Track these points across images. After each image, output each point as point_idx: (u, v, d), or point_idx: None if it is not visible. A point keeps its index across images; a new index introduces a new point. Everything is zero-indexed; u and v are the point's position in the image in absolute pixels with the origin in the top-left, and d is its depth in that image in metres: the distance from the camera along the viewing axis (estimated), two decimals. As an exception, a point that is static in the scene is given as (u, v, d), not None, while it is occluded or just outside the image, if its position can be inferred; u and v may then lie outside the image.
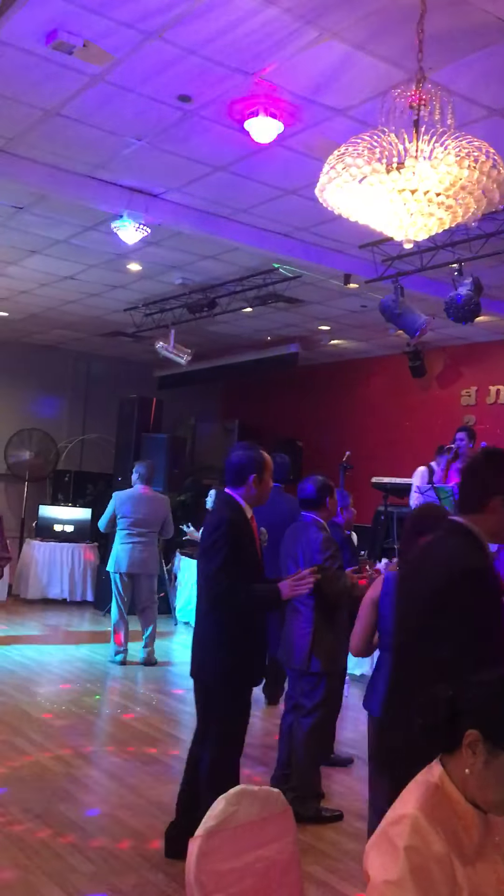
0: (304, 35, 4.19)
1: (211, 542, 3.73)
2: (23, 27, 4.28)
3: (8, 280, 9.40)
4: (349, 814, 4.56)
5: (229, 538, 3.69)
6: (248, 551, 3.78)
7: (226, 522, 3.74)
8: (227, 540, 3.69)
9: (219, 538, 3.70)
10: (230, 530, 3.71)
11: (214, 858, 1.86)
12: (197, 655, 3.92)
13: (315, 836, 4.22)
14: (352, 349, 12.02)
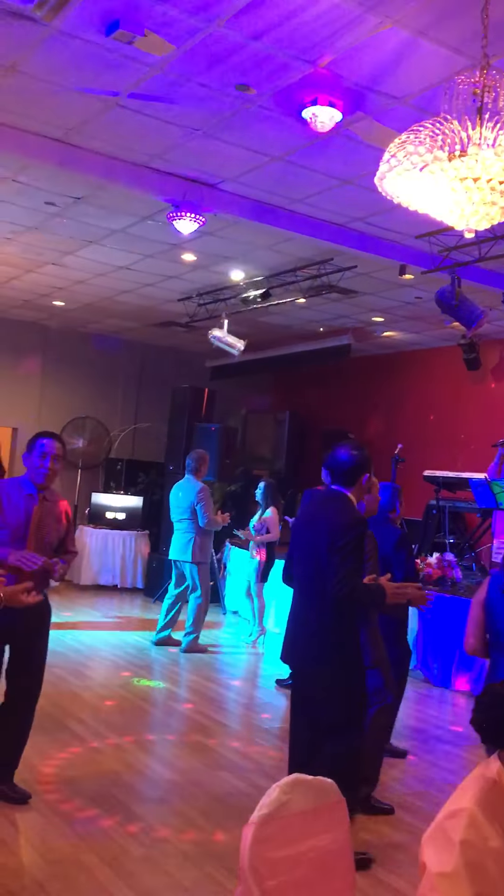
0: (365, 22, 4.15)
1: (344, 543, 3.63)
2: (84, 18, 4.31)
3: (65, 270, 9.51)
4: (398, 807, 4.54)
5: (361, 540, 3.68)
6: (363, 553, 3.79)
7: (362, 524, 3.74)
8: (360, 543, 3.67)
9: (352, 539, 3.64)
10: (363, 527, 3.71)
11: (268, 846, 1.87)
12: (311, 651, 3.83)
13: (362, 827, 4.21)
14: (405, 341, 11.90)
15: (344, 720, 3.74)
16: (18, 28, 4.43)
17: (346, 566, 3.59)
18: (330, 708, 3.75)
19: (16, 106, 5.44)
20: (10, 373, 12.64)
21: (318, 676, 3.76)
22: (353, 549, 3.63)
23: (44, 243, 8.52)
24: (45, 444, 4.20)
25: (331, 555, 3.62)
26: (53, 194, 7.02)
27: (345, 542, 3.62)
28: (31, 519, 4.12)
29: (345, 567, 3.59)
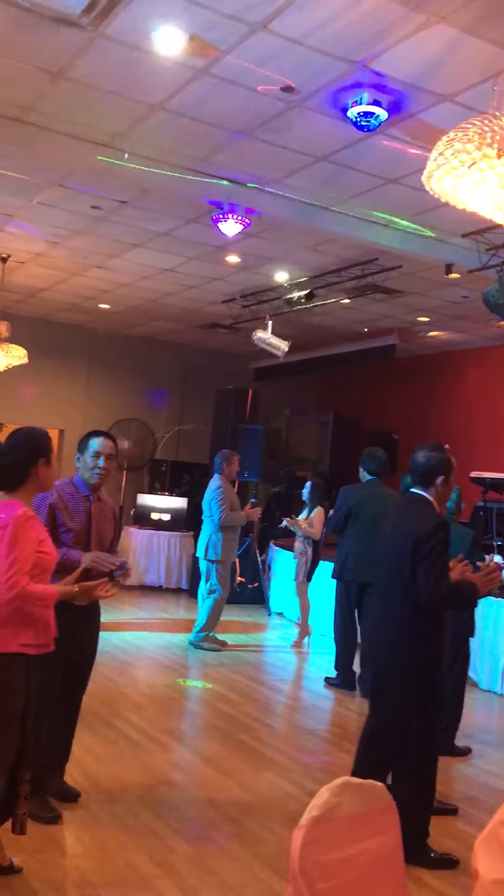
0: (411, 21, 4.12)
1: (430, 548, 3.67)
2: (129, 23, 4.35)
3: (110, 273, 9.61)
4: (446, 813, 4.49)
5: (443, 540, 3.70)
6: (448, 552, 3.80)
7: (443, 527, 3.76)
8: (445, 546, 3.71)
9: (437, 544, 3.69)
10: (444, 531, 3.73)
11: (318, 849, 1.86)
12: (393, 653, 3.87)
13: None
14: (451, 341, 11.79)
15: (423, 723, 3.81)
16: (66, 34, 4.49)
17: (434, 572, 3.64)
18: (410, 710, 3.82)
19: (62, 111, 5.51)
20: (56, 375, 12.80)
21: (401, 680, 3.84)
22: (438, 553, 3.68)
23: (90, 247, 8.61)
24: (98, 443, 4.12)
25: (417, 562, 3.66)
26: (99, 198, 7.09)
27: (429, 548, 3.66)
28: (91, 520, 4.08)
29: (433, 573, 3.64)
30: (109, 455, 4.10)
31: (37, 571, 3.23)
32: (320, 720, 6.26)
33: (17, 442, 3.35)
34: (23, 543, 3.16)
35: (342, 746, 5.56)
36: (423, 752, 3.86)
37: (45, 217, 7.72)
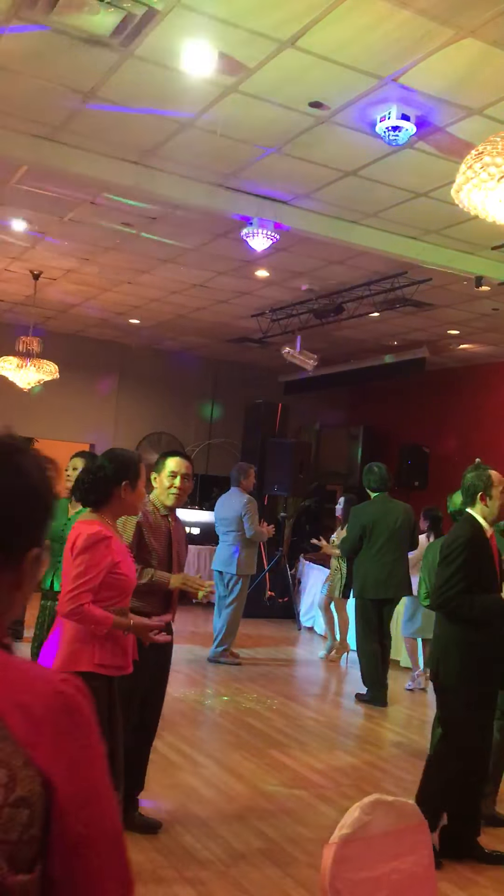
0: (439, 35, 4.13)
1: (444, 556, 3.99)
2: (159, 42, 4.40)
3: (141, 288, 9.69)
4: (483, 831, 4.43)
5: (463, 553, 3.93)
6: (485, 565, 3.98)
7: (461, 538, 4.02)
8: (459, 554, 3.93)
9: (451, 553, 3.97)
10: (465, 546, 3.96)
11: (349, 867, 1.85)
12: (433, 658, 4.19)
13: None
14: (482, 353, 11.72)
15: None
16: (96, 55, 4.55)
17: (442, 578, 3.93)
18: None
19: (93, 131, 5.58)
20: (87, 389, 12.91)
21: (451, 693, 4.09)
22: (450, 561, 3.92)
23: (120, 263, 8.70)
24: (174, 463, 4.08)
25: (438, 568, 4.03)
26: (129, 215, 7.17)
27: (443, 556, 3.97)
28: (172, 541, 4.05)
29: (441, 578, 3.94)
30: (186, 475, 4.07)
31: (113, 593, 3.21)
32: (350, 736, 6.21)
33: (104, 461, 3.39)
34: (92, 561, 3.14)
35: (373, 763, 5.51)
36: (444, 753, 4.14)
37: (76, 234, 7.81)
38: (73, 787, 1.00)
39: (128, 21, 4.17)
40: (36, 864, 0.98)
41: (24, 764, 0.97)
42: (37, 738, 0.99)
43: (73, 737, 1.02)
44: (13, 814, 0.95)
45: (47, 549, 1.17)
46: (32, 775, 0.97)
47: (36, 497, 1.12)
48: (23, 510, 1.10)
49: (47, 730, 1.00)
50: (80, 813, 1.00)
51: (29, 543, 1.10)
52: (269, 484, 11.07)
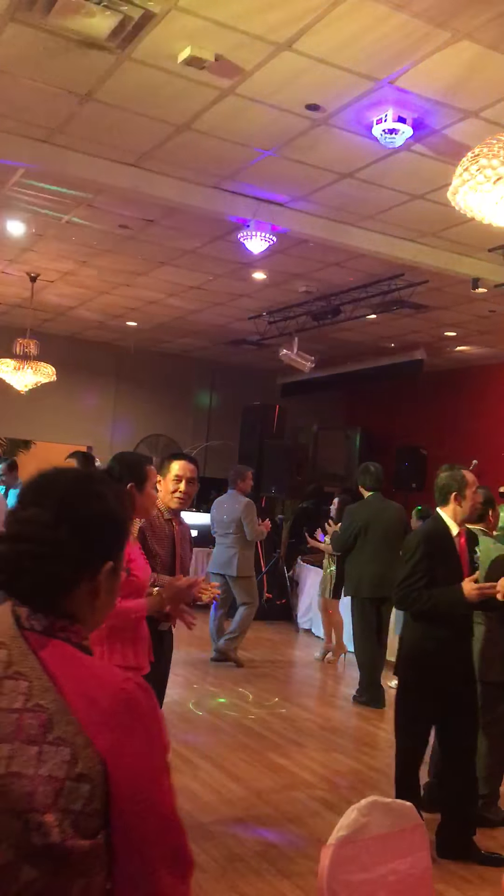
0: (436, 38, 4.14)
1: (404, 553, 4.18)
2: (156, 45, 4.40)
3: (138, 291, 9.69)
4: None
5: (421, 549, 4.06)
6: (445, 564, 4.06)
7: (419, 535, 4.20)
8: (417, 550, 4.06)
9: (410, 549, 4.13)
10: (422, 542, 4.10)
11: (347, 868, 1.85)
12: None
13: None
14: (479, 355, 11.74)
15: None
16: (93, 57, 4.56)
17: (402, 574, 4.09)
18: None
19: (91, 133, 5.58)
20: (84, 392, 12.91)
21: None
22: (409, 557, 4.08)
23: (118, 265, 8.70)
24: (179, 466, 4.01)
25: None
26: (126, 217, 7.17)
27: (405, 552, 4.17)
28: (175, 545, 4.01)
29: (401, 574, 4.11)
30: (191, 479, 4.00)
31: (124, 593, 3.16)
32: (348, 738, 6.21)
33: (112, 463, 3.40)
34: None
35: (371, 765, 5.51)
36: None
37: (73, 236, 7.81)
38: (127, 771, 1.18)
39: (125, 24, 4.18)
40: (98, 832, 1.16)
41: (85, 745, 1.15)
42: (99, 726, 1.17)
43: (131, 728, 1.20)
44: (75, 787, 1.14)
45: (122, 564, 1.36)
46: (93, 756, 1.15)
47: (113, 519, 1.34)
48: (101, 530, 1.31)
49: (109, 720, 1.18)
50: (135, 794, 1.19)
51: (105, 558, 1.30)
52: (267, 486, 11.06)
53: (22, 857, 1.11)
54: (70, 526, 1.27)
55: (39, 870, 1.12)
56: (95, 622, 1.32)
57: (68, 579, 1.27)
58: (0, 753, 1.13)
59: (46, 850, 1.12)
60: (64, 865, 1.13)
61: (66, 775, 1.13)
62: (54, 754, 1.14)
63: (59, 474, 1.35)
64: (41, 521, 1.27)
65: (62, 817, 1.13)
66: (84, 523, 1.28)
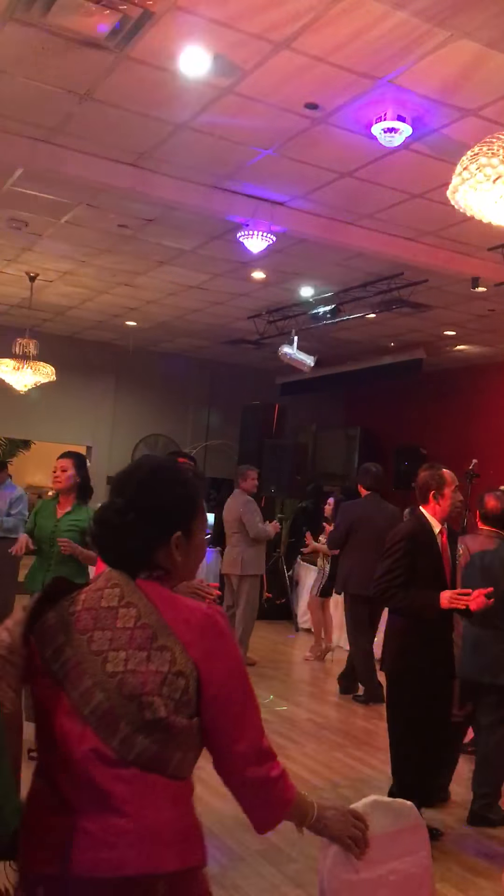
0: (435, 36, 4.13)
1: (384, 549, 4.19)
2: (154, 44, 4.40)
3: (137, 290, 9.68)
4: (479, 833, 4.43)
5: (400, 546, 4.10)
6: (426, 561, 4.09)
7: (400, 532, 4.23)
8: (397, 547, 4.11)
9: (390, 546, 4.16)
10: (403, 539, 4.14)
11: (347, 868, 1.84)
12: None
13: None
14: (479, 354, 11.73)
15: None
16: (92, 56, 4.55)
17: (381, 569, 4.13)
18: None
19: (89, 132, 5.58)
20: (84, 392, 12.89)
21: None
22: (389, 554, 4.12)
23: (116, 265, 8.69)
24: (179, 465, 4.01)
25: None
26: (126, 217, 7.16)
27: (385, 549, 4.19)
28: None
29: (380, 569, 4.14)
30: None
31: None
32: (347, 736, 6.21)
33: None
34: None
35: (369, 763, 5.51)
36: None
37: (72, 236, 7.80)
38: (215, 671, 1.59)
39: (124, 23, 4.17)
40: (193, 717, 1.59)
41: (181, 651, 1.57)
42: (191, 638, 1.59)
43: (216, 639, 1.62)
44: (175, 680, 1.55)
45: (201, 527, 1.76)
46: (187, 660, 1.57)
47: (174, 501, 1.72)
48: (164, 511, 1.70)
49: (199, 634, 1.60)
50: (220, 686, 1.60)
51: (174, 530, 1.69)
52: (266, 485, 11.04)
53: (137, 729, 1.53)
54: (137, 511, 1.68)
55: (150, 739, 1.53)
56: (181, 574, 1.73)
57: (142, 549, 1.68)
58: (119, 657, 1.56)
59: (155, 724, 1.53)
60: (167, 738, 1.54)
61: (168, 670, 1.55)
62: (159, 657, 1.56)
63: (135, 469, 1.78)
64: (116, 507, 1.70)
65: (166, 700, 1.54)
66: (149, 508, 1.69)
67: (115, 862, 1.49)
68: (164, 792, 1.56)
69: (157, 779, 1.55)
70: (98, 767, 1.52)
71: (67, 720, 1.56)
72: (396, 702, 4.24)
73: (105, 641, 1.58)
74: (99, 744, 1.53)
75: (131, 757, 1.53)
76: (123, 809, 1.51)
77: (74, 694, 1.56)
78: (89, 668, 1.57)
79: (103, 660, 1.57)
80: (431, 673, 4.10)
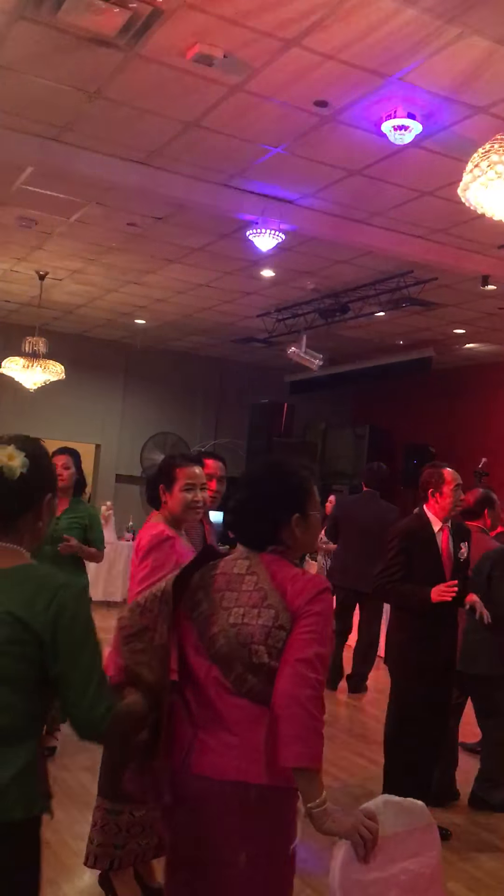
0: (445, 33, 4.12)
1: (385, 546, 4.24)
2: (164, 42, 4.40)
3: (146, 289, 9.69)
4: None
5: (398, 543, 4.15)
6: (423, 558, 4.10)
7: (398, 529, 4.29)
8: (392, 545, 4.16)
9: (389, 542, 4.21)
10: (400, 536, 4.19)
11: (359, 868, 1.84)
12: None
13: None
14: (488, 353, 11.69)
15: None
16: (102, 54, 4.55)
17: (380, 566, 4.19)
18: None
19: (99, 131, 5.58)
20: (93, 390, 12.91)
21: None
22: (388, 550, 4.18)
23: (126, 263, 8.70)
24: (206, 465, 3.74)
25: None
26: (135, 215, 7.17)
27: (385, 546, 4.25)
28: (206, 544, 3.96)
29: (380, 566, 4.21)
30: (221, 477, 3.91)
31: None
32: (357, 735, 6.19)
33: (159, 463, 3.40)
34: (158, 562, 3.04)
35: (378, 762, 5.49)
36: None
37: (82, 234, 7.81)
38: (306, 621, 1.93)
39: (134, 21, 4.17)
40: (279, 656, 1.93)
41: (284, 609, 1.94)
42: (294, 598, 1.95)
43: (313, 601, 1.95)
44: (277, 632, 1.93)
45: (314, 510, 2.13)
46: (289, 617, 1.94)
47: (301, 486, 2.12)
48: (281, 498, 2.09)
49: (301, 595, 1.96)
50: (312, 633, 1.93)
51: (291, 513, 2.08)
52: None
53: (247, 669, 1.93)
54: (257, 500, 2.10)
55: (256, 678, 1.92)
56: (302, 547, 2.14)
57: (269, 529, 2.08)
58: (239, 612, 1.96)
59: (260, 667, 1.91)
60: (268, 677, 1.91)
61: (272, 625, 1.92)
62: (266, 613, 1.94)
63: (254, 468, 2.31)
64: (240, 498, 2.14)
65: (270, 649, 1.91)
66: (266, 496, 2.10)
67: (221, 768, 1.90)
68: (264, 720, 1.91)
69: (261, 709, 1.91)
70: (218, 695, 1.95)
71: (198, 657, 2.00)
72: (396, 696, 4.27)
73: (232, 600, 2.00)
74: (220, 677, 1.95)
75: (243, 691, 1.93)
76: (233, 729, 1.93)
77: (205, 637, 1.99)
78: (217, 619, 1.98)
79: (228, 614, 1.98)
80: (432, 669, 4.11)
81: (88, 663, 1.75)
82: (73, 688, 1.73)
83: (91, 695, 1.73)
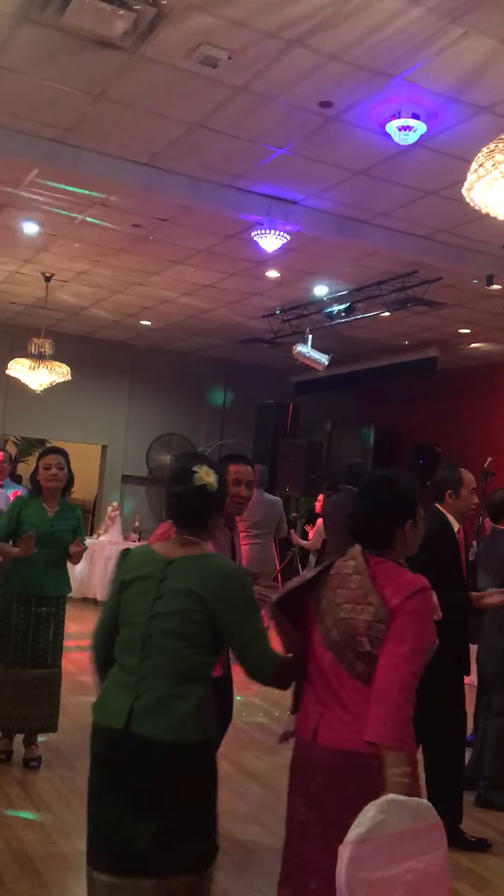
0: (449, 33, 4.12)
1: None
2: (170, 43, 4.41)
3: (151, 290, 9.70)
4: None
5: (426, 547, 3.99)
6: (447, 560, 4.04)
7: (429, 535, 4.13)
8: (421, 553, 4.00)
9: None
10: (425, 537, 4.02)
11: (365, 866, 1.85)
12: None
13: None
14: (493, 352, 11.67)
15: None
16: (107, 56, 4.57)
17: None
18: None
19: (104, 132, 5.59)
20: (99, 391, 12.93)
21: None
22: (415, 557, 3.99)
23: (131, 264, 8.71)
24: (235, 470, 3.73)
25: None
26: (140, 216, 7.18)
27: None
28: (234, 551, 3.87)
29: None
30: (250, 482, 3.78)
31: None
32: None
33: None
34: None
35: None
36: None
37: (87, 236, 7.83)
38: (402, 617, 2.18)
39: (138, 22, 4.18)
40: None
41: (382, 605, 2.20)
42: (392, 597, 2.21)
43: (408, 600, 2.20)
44: (377, 625, 2.18)
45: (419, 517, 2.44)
46: (386, 612, 2.19)
47: (412, 497, 2.42)
48: (396, 505, 2.39)
49: (398, 594, 2.21)
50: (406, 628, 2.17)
51: (406, 519, 2.38)
52: (281, 484, 11.06)
53: (355, 657, 2.21)
54: (382, 507, 2.38)
55: (364, 664, 2.19)
56: (408, 549, 2.41)
57: (385, 532, 2.36)
58: (347, 608, 2.24)
59: (365, 655, 2.19)
60: (371, 663, 2.18)
61: (373, 619, 2.19)
62: (367, 609, 2.20)
63: (371, 479, 2.54)
64: (364, 505, 2.42)
65: (371, 639, 2.18)
66: (386, 503, 2.38)
67: (340, 739, 2.21)
68: (369, 699, 2.17)
69: (368, 690, 2.18)
70: (336, 678, 2.26)
71: (319, 646, 2.31)
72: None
73: (343, 596, 2.28)
74: (335, 663, 2.25)
75: (355, 675, 2.22)
76: (348, 707, 2.22)
77: (322, 629, 2.29)
78: (332, 613, 2.28)
79: (339, 609, 2.26)
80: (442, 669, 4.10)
81: (252, 628, 2.33)
82: (243, 645, 2.33)
83: (257, 649, 2.32)
